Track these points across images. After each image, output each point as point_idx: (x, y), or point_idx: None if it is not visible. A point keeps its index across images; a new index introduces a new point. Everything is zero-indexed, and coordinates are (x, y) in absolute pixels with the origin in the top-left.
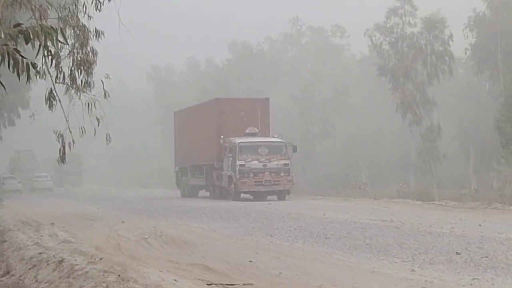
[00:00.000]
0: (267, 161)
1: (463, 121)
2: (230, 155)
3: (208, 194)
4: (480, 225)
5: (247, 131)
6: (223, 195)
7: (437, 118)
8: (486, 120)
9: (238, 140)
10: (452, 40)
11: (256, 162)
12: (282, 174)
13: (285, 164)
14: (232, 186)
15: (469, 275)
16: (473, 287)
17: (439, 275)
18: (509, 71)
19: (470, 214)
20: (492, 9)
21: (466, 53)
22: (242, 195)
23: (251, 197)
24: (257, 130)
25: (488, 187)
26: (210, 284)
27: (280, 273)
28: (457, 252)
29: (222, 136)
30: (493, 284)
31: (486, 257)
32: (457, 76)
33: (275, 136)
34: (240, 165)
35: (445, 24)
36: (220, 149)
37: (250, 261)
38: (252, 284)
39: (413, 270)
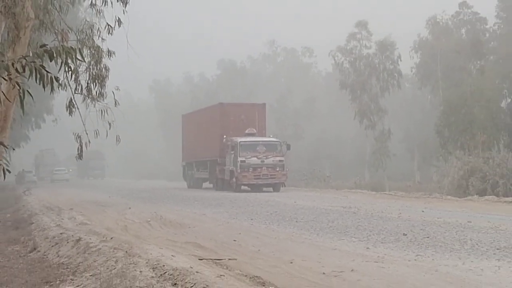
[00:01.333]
0: (265, 157)
1: (409, 126)
2: (232, 152)
3: (211, 186)
4: (422, 211)
5: (246, 131)
6: (225, 187)
7: (388, 124)
8: (427, 126)
9: (239, 139)
10: (400, 60)
11: (255, 158)
12: (277, 169)
13: (280, 160)
14: (234, 179)
15: (414, 252)
16: (417, 262)
17: (389, 252)
18: (447, 86)
19: (414, 202)
20: (433, 35)
21: (411, 71)
22: (242, 187)
23: (249, 189)
24: (255, 131)
25: (429, 180)
26: (201, 259)
27: (259, 250)
28: (404, 233)
29: (224, 136)
30: (433, 260)
31: (428, 237)
32: (404, 89)
33: (271, 136)
34: (241, 161)
35: (395, 47)
36: (222, 147)
37: (234, 240)
38: (236, 259)
39: (367, 248)
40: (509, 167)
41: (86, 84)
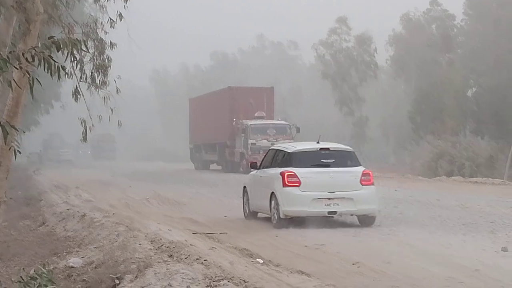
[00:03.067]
0: (275, 140)
1: (385, 113)
2: (242, 135)
3: (218, 167)
4: (396, 190)
5: (256, 114)
6: (234, 169)
7: (365, 111)
8: (401, 113)
9: (249, 122)
10: (376, 53)
11: (265, 141)
12: None
13: None
14: (244, 161)
15: (387, 227)
16: (390, 236)
17: (365, 227)
18: (419, 77)
19: (389, 182)
20: (406, 30)
21: (387, 63)
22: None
23: (246, 171)
24: (264, 114)
25: (402, 162)
26: (195, 233)
27: (247, 225)
28: (378, 210)
29: (234, 119)
30: (405, 234)
31: (400, 214)
32: (380, 79)
33: (279, 119)
34: (252, 143)
35: (372, 41)
36: (232, 130)
37: (225, 216)
38: (226, 233)
39: (346, 223)
40: (475, 150)
41: (90, 73)
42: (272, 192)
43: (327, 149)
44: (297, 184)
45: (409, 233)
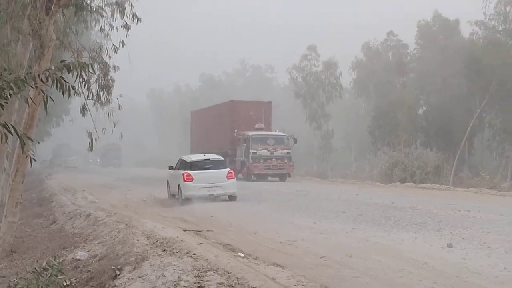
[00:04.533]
0: (274, 150)
1: (348, 127)
2: (244, 144)
3: None
4: (357, 194)
5: (256, 126)
6: (235, 176)
7: (331, 125)
8: (362, 127)
9: (250, 133)
10: (341, 76)
11: (265, 150)
12: (285, 161)
13: (288, 153)
14: (245, 169)
15: (350, 226)
16: (352, 233)
17: (331, 225)
18: (377, 97)
19: (351, 187)
20: (367, 57)
21: (350, 84)
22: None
23: (247, 177)
24: (263, 126)
25: (363, 170)
26: (185, 230)
27: (230, 223)
28: (342, 211)
29: (236, 130)
30: (365, 232)
31: (361, 214)
32: (344, 99)
33: (277, 130)
34: (253, 152)
35: (337, 66)
36: (233, 140)
37: (211, 216)
38: (212, 231)
39: (315, 222)
40: (424, 160)
41: (96, 92)
42: (179, 184)
43: (208, 159)
44: (191, 180)
45: (368, 231)
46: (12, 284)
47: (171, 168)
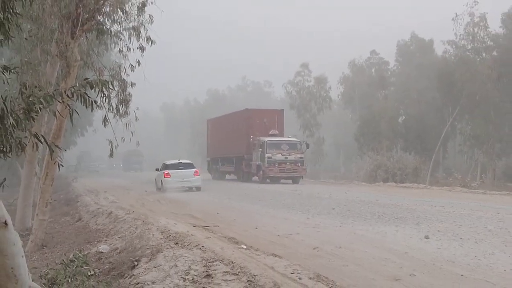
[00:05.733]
0: (288, 154)
1: (337, 134)
2: (260, 149)
3: (233, 177)
4: (345, 192)
5: (270, 132)
6: (249, 179)
7: (322, 133)
8: (349, 134)
9: (266, 139)
10: (330, 90)
11: (280, 155)
12: (298, 164)
13: (301, 157)
14: (261, 172)
15: (339, 221)
16: (341, 227)
17: (323, 221)
18: (362, 108)
19: (340, 187)
20: (353, 72)
21: (338, 97)
22: (255, 178)
23: (268, 181)
24: (277, 132)
25: (350, 172)
26: (194, 226)
27: (234, 219)
28: (332, 208)
29: (251, 136)
30: (352, 226)
31: (349, 211)
32: (333, 109)
33: (289, 136)
34: (268, 157)
35: (327, 81)
36: (249, 145)
37: (217, 213)
38: (218, 226)
39: (308, 218)
40: (404, 163)
41: (115, 106)
42: (161, 180)
43: (181, 162)
44: (169, 176)
45: (355, 225)
46: (43, 274)
47: (157, 169)
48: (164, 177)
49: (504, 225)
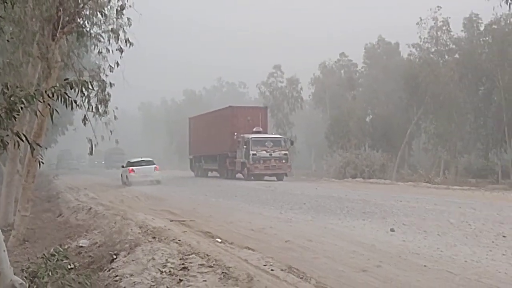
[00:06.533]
0: (272, 151)
1: (308, 133)
2: (244, 147)
3: (215, 174)
4: (316, 188)
5: (254, 129)
6: (233, 176)
7: (294, 132)
8: (320, 133)
9: (250, 136)
10: (302, 90)
11: (264, 152)
12: (283, 161)
13: (285, 154)
14: (246, 169)
15: (311, 215)
16: (312, 221)
17: (295, 215)
18: (331, 108)
19: (311, 183)
20: (323, 74)
21: (309, 97)
22: (239, 175)
23: (243, 177)
24: (261, 129)
25: (321, 169)
26: (172, 221)
27: (210, 215)
28: (304, 203)
29: (235, 133)
30: (323, 220)
31: (319, 206)
32: (305, 109)
33: (272, 133)
34: (253, 154)
35: (298, 82)
36: (233, 142)
37: (194, 208)
38: (195, 221)
39: (281, 213)
40: (371, 160)
41: (95, 105)
42: (127, 175)
43: (143, 160)
44: (133, 172)
45: (326, 219)
46: (24, 268)
47: (122, 166)
48: (129, 172)
49: (465, 218)
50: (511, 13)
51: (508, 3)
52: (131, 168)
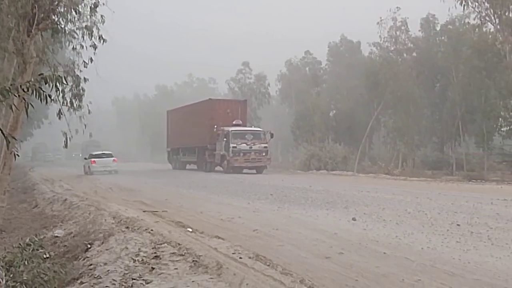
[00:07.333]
0: (252, 144)
1: (275, 127)
2: (224, 139)
3: (193, 167)
4: (282, 180)
5: (234, 122)
6: (212, 168)
7: (262, 126)
8: (286, 127)
9: (230, 128)
10: (269, 86)
11: (244, 144)
12: (263, 154)
13: (265, 147)
14: (225, 162)
15: (277, 205)
16: (279, 211)
17: (262, 205)
18: (297, 103)
19: (278, 175)
20: (289, 71)
21: (276, 93)
22: (218, 168)
23: (226, 170)
24: (241, 122)
25: (287, 161)
26: (144, 211)
27: (181, 205)
28: (270, 194)
29: (215, 126)
30: (288, 210)
31: (285, 196)
32: (272, 104)
33: (252, 126)
34: (233, 147)
35: (266, 78)
36: (212, 135)
37: (166, 199)
38: (166, 211)
39: (248, 203)
40: (334, 152)
41: (69, 100)
42: (89, 166)
43: (104, 152)
44: (95, 163)
45: (291, 209)
46: (1, 257)
47: (85, 158)
48: (91, 163)
49: (422, 208)
50: (465, 14)
51: (462, 5)
52: (93, 159)
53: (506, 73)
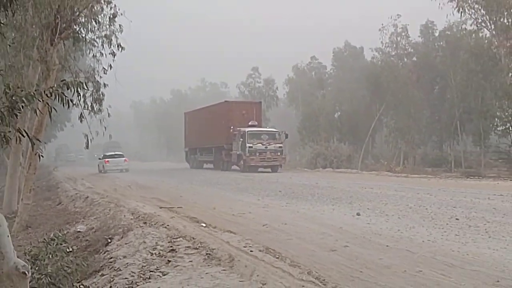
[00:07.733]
0: (268, 144)
1: (282, 128)
2: (240, 139)
3: (210, 166)
4: (290, 178)
5: (250, 123)
6: (228, 167)
7: (271, 127)
8: (293, 128)
9: (247, 129)
10: (277, 90)
11: (260, 144)
12: (278, 154)
13: (280, 147)
14: (242, 161)
15: (285, 201)
16: (287, 207)
17: (271, 201)
18: (304, 105)
19: (286, 173)
20: (296, 75)
21: (284, 96)
22: (234, 167)
23: (243, 169)
24: (257, 123)
25: (294, 159)
26: (161, 207)
27: (195, 202)
28: (279, 191)
29: (231, 127)
30: (296, 206)
31: (293, 192)
32: (280, 107)
33: (267, 127)
34: (249, 146)
35: (274, 82)
36: (229, 136)
37: (181, 196)
38: (182, 207)
39: (258, 199)
40: (339, 151)
41: (90, 104)
42: (103, 165)
43: (116, 153)
44: (108, 162)
45: (298, 205)
46: (27, 251)
47: (99, 158)
48: (105, 163)
49: (423, 203)
50: (462, 21)
51: (460, 12)
52: (106, 159)
53: (501, 76)
